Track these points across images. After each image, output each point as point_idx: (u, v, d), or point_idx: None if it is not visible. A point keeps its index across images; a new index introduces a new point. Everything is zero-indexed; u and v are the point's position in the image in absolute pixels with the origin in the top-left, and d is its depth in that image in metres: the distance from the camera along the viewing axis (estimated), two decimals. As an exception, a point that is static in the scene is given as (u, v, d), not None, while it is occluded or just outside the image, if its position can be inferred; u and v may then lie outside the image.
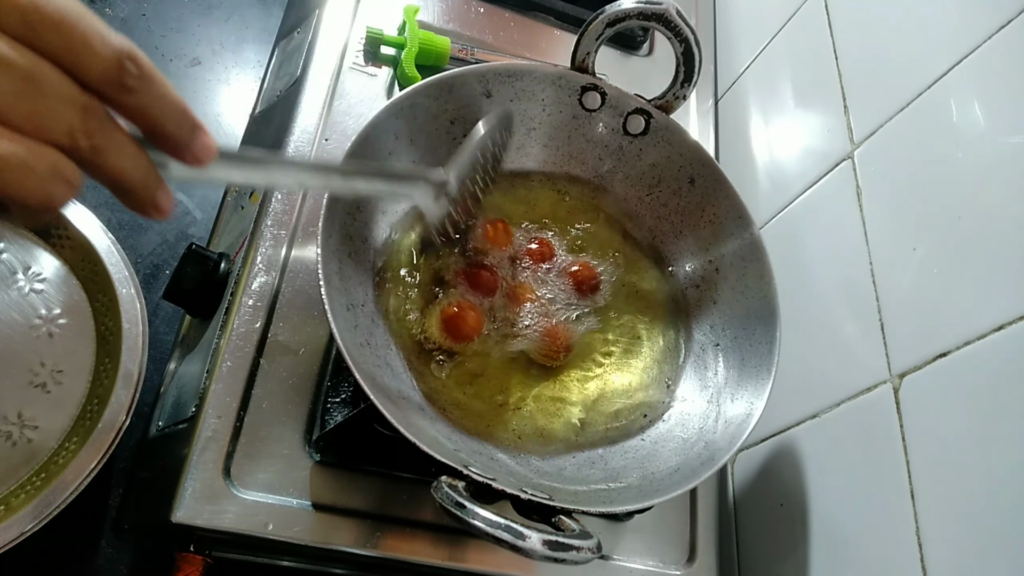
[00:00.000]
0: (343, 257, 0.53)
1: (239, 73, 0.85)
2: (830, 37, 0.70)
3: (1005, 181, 0.50)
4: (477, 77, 0.59)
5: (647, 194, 0.65)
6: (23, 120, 0.23)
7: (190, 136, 0.27)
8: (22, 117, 0.22)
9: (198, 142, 0.27)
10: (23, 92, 0.22)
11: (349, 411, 0.53)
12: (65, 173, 0.24)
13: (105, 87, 0.25)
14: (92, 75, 0.24)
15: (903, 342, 0.55)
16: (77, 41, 0.23)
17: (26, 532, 0.51)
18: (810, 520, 0.59)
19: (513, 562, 0.56)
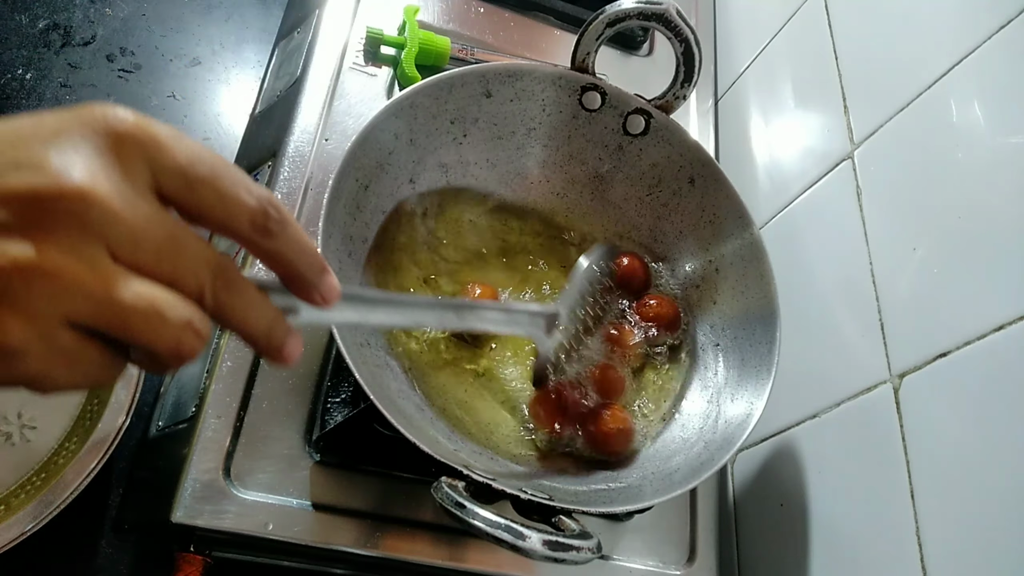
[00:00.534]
0: (343, 257, 0.53)
1: (239, 73, 0.85)
2: (830, 37, 0.70)
3: (1005, 181, 0.50)
4: (477, 77, 0.59)
5: (647, 194, 0.65)
6: (163, 276, 0.24)
7: (318, 278, 0.28)
8: (162, 273, 0.24)
9: (325, 283, 0.29)
10: (165, 251, 0.24)
11: (349, 411, 0.53)
12: (196, 325, 0.25)
13: (252, 234, 0.26)
14: (241, 224, 0.26)
15: (903, 342, 0.55)
16: (228, 194, 0.25)
17: (26, 532, 0.51)
18: (810, 520, 0.59)
19: (513, 562, 0.56)
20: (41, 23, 0.79)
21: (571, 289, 0.53)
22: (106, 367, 0.24)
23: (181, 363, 0.25)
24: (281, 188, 0.61)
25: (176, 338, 0.24)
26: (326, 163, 0.64)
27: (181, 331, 0.24)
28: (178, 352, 0.24)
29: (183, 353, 0.24)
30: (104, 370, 0.24)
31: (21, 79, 0.76)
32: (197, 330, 0.25)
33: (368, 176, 0.55)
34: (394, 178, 0.58)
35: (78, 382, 0.24)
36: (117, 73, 0.79)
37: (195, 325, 0.24)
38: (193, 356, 0.25)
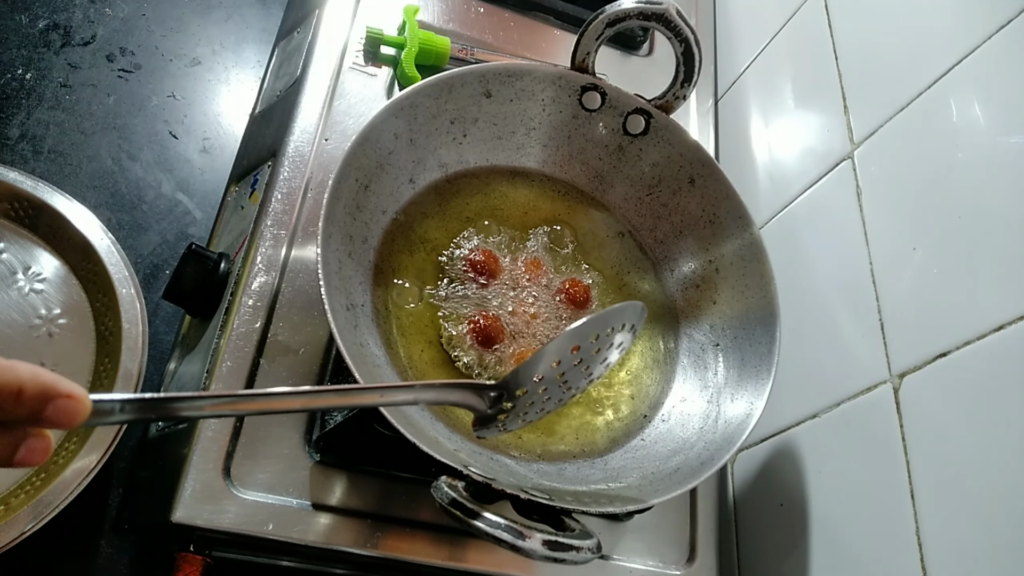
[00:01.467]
0: (343, 257, 0.53)
1: (239, 73, 0.85)
2: (830, 37, 0.70)
3: (1005, 181, 0.50)
4: (477, 77, 0.59)
5: (647, 194, 0.65)
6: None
7: (34, 411, 0.28)
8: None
9: (48, 412, 0.28)
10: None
11: (349, 411, 0.53)
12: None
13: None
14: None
15: (903, 342, 0.55)
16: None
17: (26, 532, 0.51)
18: (810, 520, 0.59)
19: (513, 562, 0.56)
20: (41, 23, 0.79)
21: (540, 355, 0.44)
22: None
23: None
24: (281, 188, 0.61)
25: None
26: (326, 163, 0.64)
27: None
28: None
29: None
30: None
31: (21, 79, 0.76)
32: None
33: (368, 176, 0.55)
34: (394, 178, 0.58)
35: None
36: (117, 73, 0.79)
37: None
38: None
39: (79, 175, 0.73)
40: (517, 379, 0.44)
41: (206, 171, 0.78)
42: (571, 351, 0.45)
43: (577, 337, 0.44)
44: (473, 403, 0.44)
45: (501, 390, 0.44)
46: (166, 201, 0.75)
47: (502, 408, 0.44)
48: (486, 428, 0.45)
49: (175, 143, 0.79)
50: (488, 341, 0.57)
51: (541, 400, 0.45)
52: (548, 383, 0.45)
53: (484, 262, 0.59)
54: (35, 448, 0.29)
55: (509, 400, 0.44)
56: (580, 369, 0.46)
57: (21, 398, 0.28)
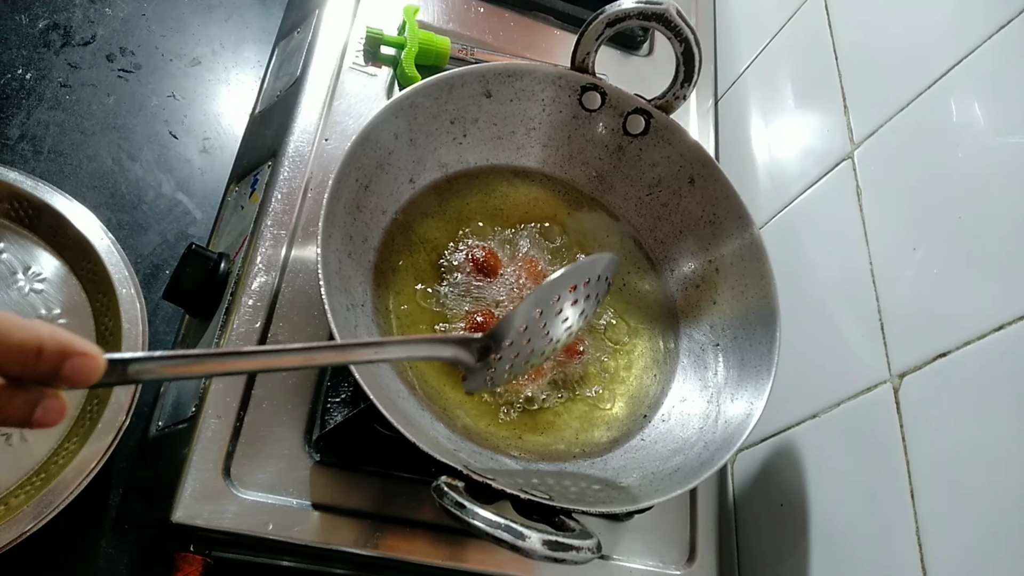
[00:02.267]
0: (343, 257, 0.53)
1: (239, 73, 0.85)
2: (830, 37, 0.70)
3: (1005, 181, 0.50)
4: (477, 77, 0.59)
5: (647, 194, 0.65)
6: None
7: (54, 368, 0.29)
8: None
9: (66, 369, 0.29)
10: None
11: (349, 411, 0.53)
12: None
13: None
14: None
15: (903, 342, 0.55)
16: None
17: (26, 532, 0.51)
18: (810, 520, 0.59)
19: (513, 562, 0.56)
20: (41, 23, 0.79)
21: (525, 303, 0.46)
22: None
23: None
24: (281, 188, 0.61)
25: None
26: (326, 163, 0.64)
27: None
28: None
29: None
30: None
31: (21, 79, 0.76)
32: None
33: (368, 176, 0.55)
34: (394, 178, 0.58)
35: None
36: (117, 73, 0.79)
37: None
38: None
39: (79, 175, 0.73)
40: (503, 330, 0.46)
41: (206, 171, 0.78)
42: (551, 301, 0.47)
43: (557, 287, 0.47)
44: (462, 357, 0.46)
45: (488, 341, 0.46)
46: (166, 201, 0.75)
47: (488, 361, 0.46)
48: (474, 381, 0.48)
49: (175, 143, 0.79)
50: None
51: (525, 352, 0.48)
52: (531, 333, 0.47)
53: (484, 260, 0.59)
54: (51, 407, 0.30)
55: (496, 351, 0.46)
56: (559, 320, 0.49)
57: (41, 355, 0.29)
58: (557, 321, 0.49)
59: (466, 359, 0.46)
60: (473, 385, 0.48)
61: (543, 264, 0.62)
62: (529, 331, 0.47)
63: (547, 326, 0.48)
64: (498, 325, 0.46)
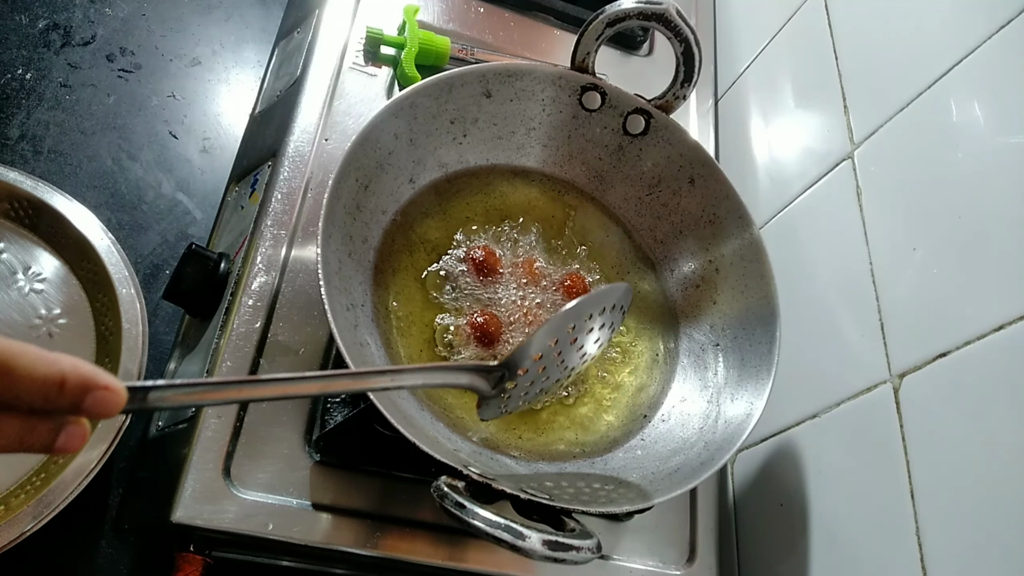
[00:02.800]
0: (343, 257, 0.53)
1: (239, 73, 0.85)
2: (830, 37, 0.70)
3: (1005, 181, 0.50)
4: (477, 77, 0.59)
5: (647, 194, 0.65)
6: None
7: (75, 402, 0.29)
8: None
9: (88, 402, 0.30)
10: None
11: (349, 411, 0.53)
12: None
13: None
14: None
15: (903, 342, 0.55)
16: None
17: (26, 532, 0.51)
18: (810, 520, 0.59)
19: (513, 562, 0.56)
20: (41, 23, 0.79)
21: (541, 332, 0.46)
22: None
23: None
24: (281, 188, 0.61)
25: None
26: (326, 163, 0.64)
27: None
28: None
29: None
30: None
31: (21, 79, 0.76)
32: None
33: (368, 176, 0.55)
34: (394, 178, 0.58)
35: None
36: (117, 73, 0.79)
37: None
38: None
39: (79, 175, 0.73)
40: (518, 359, 0.46)
41: (206, 171, 0.78)
42: (567, 330, 0.48)
43: (572, 317, 0.47)
44: (478, 385, 0.46)
45: (503, 370, 0.46)
46: (166, 201, 0.75)
47: (504, 388, 0.47)
48: (489, 409, 0.48)
49: (175, 143, 0.79)
50: (488, 339, 0.57)
51: (540, 380, 0.48)
52: (546, 362, 0.48)
53: (484, 260, 0.59)
54: (74, 434, 0.31)
55: (511, 379, 0.46)
56: (574, 348, 0.49)
57: (64, 389, 0.29)
58: (572, 350, 0.49)
59: (482, 387, 0.46)
60: (488, 413, 0.48)
61: (542, 264, 0.62)
62: (545, 359, 0.47)
63: (563, 354, 0.49)
64: (513, 354, 0.46)
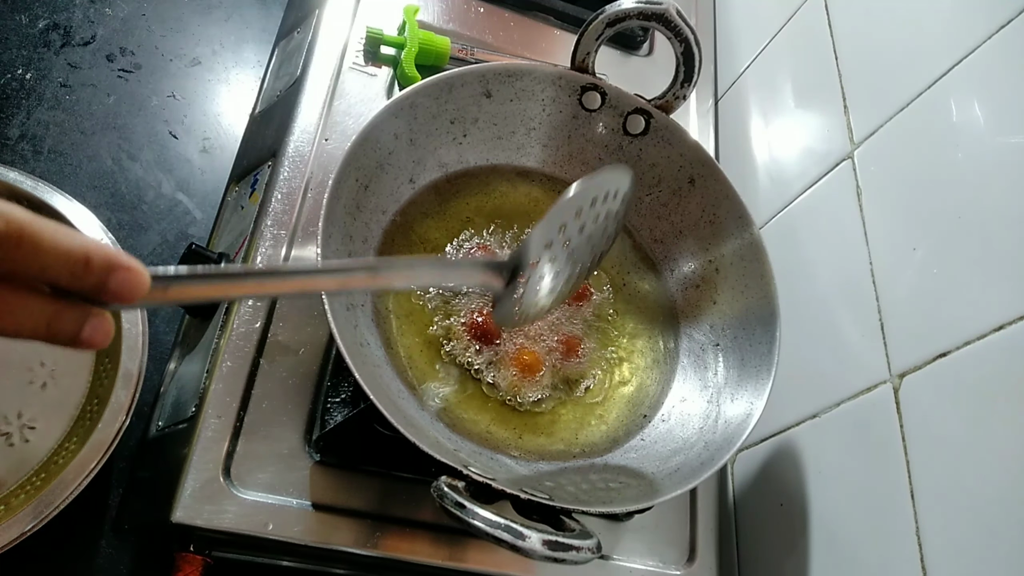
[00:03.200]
0: (343, 257, 0.53)
1: (239, 73, 0.85)
2: (830, 37, 0.70)
3: (1005, 181, 0.50)
4: (477, 77, 0.59)
5: (647, 194, 0.65)
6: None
7: (100, 281, 0.28)
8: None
9: (112, 283, 0.28)
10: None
11: (349, 411, 0.53)
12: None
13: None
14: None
15: (903, 342, 0.55)
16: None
17: (26, 532, 0.51)
18: (810, 520, 0.59)
19: (513, 562, 0.56)
20: (41, 23, 0.79)
21: (546, 218, 0.44)
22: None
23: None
24: (281, 188, 0.61)
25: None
26: (326, 163, 0.64)
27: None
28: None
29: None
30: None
31: (21, 79, 0.76)
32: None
33: (368, 176, 0.55)
34: (394, 178, 0.58)
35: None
36: (117, 73, 0.79)
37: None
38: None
39: (79, 175, 0.73)
40: (528, 249, 0.44)
41: (206, 171, 0.78)
42: (574, 216, 0.45)
43: (577, 200, 0.44)
44: (491, 282, 0.45)
45: (515, 261, 0.45)
46: (166, 201, 0.75)
47: (517, 284, 0.45)
48: (503, 309, 0.47)
49: (175, 143, 0.79)
50: (487, 338, 0.57)
51: (551, 274, 0.46)
52: (556, 252, 0.46)
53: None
54: (98, 327, 0.29)
55: (523, 273, 0.45)
56: (583, 239, 0.47)
57: (89, 265, 0.28)
58: (582, 239, 0.47)
59: (495, 283, 0.45)
60: (503, 313, 0.47)
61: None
62: (555, 249, 0.45)
63: (571, 244, 0.46)
64: (522, 243, 0.45)
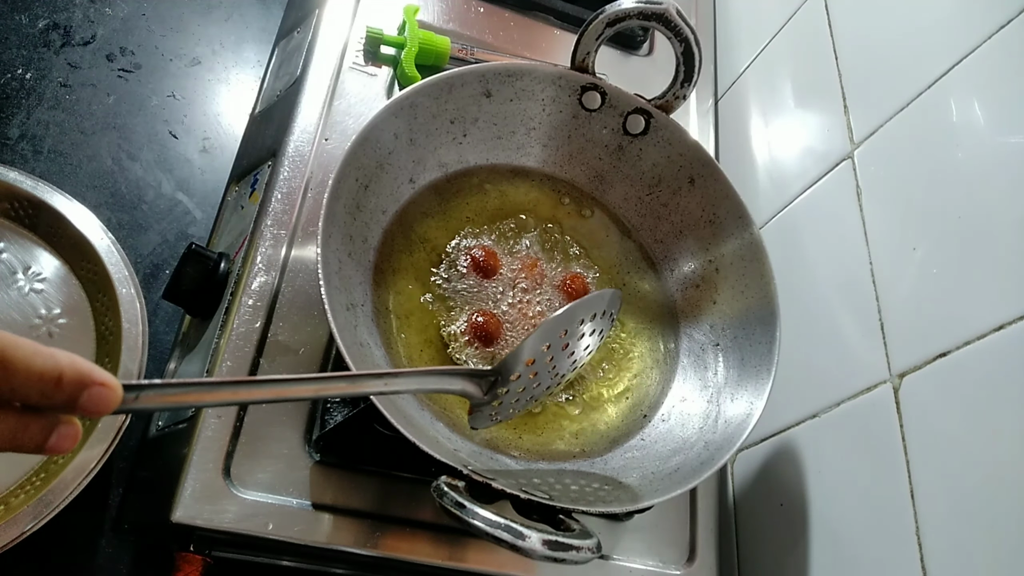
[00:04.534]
0: (343, 257, 0.53)
1: (239, 73, 0.85)
2: (830, 37, 0.70)
3: (1005, 181, 0.50)
4: (477, 77, 0.59)
5: (647, 194, 0.65)
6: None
7: (71, 398, 0.29)
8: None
9: (84, 399, 0.29)
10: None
11: (349, 411, 0.53)
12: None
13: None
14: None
15: (903, 342, 0.55)
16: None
17: (26, 532, 0.51)
18: (810, 520, 0.59)
19: (513, 562, 0.56)
20: (41, 23, 0.79)
21: (533, 337, 0.47)
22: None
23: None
24: (281, 188, 0.61)
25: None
26: (326, 163, 0.64)
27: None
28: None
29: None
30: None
31: (21, 79, 0.76)
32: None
33: (368, 176, 0.55)
34: (394, 178, 0.58)
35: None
36: (117, 73, 0.79)
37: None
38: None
39: (79, 175, 0.73)
40: (511, 364, 0.47)
41: (206, 171, 0.78)
42: (559, 335, 0.48)
43: (564, 322, 0.48)
44: (470, 390, 0.46)
45: (496, 375, 0.47)
46: (166, 201, 0.75)
47: (496, 394, 0.47)
48: (480, 417, 0.49)
49: (175, 143, 0.79)
50: (487, 339, 0.57)
51: (531, 386, 0.49)
52: (538, 367, 0.48)
53: (484, 260, 0.59)
54: (66, 435, 0.30)
55: (503, 385, 0.47)
56: (565, 354, 0.50)
57: (60, 384, 0.29)
58: (564, 356, 0.50)
59: (474, 392, 0.46)
60: (478, 421, 0.49)
61: (543, 264, 0.62)
62: (536, 365, 0.48)
63: (554, 360, 0.49)
64: (506, 359, 0.47)
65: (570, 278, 0.61)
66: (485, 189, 0.63)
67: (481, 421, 0.49)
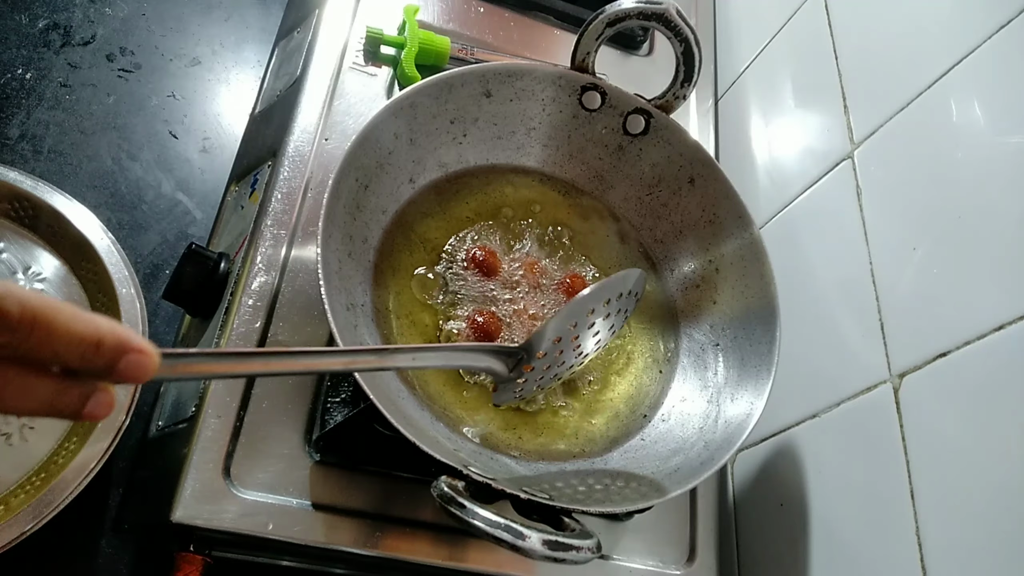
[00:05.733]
0: (343, 257, 0.53)
1: (239, 73, 0.85)
2: (830, 37, 0.70)
3: (1005, 181, 0.50)
4: (477, 77, 0.59)
5: (647, 194, 0.65)
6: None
7: (110, 363, 0.29)
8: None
9: (122, 365, 0.29)
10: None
11: (349, 411, 0.53)
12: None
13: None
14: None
15: (903, 342, 0.55)
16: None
17: (26, 532, 0.51)
18: (810, 520, 0.59)
19: (513, 562, 0.56)
20: (41, 23, 0.79)
21: (560, 315, 0.48)
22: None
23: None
24: (281, 188, 0.61)
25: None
26: (326, 163, 0.64)
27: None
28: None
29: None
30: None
31: (21, 79, 0.76)
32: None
33: (368, 176, 0.55)
34: (394, 178, 0.58)
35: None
36: (117, 73, 0.79)
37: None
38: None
39: (79, 175, 0.73)
40: (537, 341, 0.47)
41: (206, 171, 0.78)
42: (586, 314, 0.49)
43: (591, 301, 0.48)
44: (496, 367, 0.47)
45: (522, 353, 0.47)
46: (166, 201, 0.75)
47: (521, 372, 0.47)
48: (504, 393, 0.49)
49: (175, 143, 0.79)
50: (487, 339, 0.57)
51: (556, 364, 0.49)
52: (563, 346, 0.49)
53: (484, 260, 0.59)
54: (102, 402, 0.30)
55: (528, 362, 0.47)
56: (590, 333, 0.50)
57: (100, 349, 0.29)
58: (589, 335, 0.50)
59: (500, 369, 0.47)
60: (503, 397, 0.49)
61: (543, 264, 0.62)
62: (562, 343, 0.48)
63: (579, 339, 0.50)
64: (533, 336, 0.47)
65: (570, 278, 0.61)
66: (485, 189, 0.63)
67: (505, 397, 0.49)
